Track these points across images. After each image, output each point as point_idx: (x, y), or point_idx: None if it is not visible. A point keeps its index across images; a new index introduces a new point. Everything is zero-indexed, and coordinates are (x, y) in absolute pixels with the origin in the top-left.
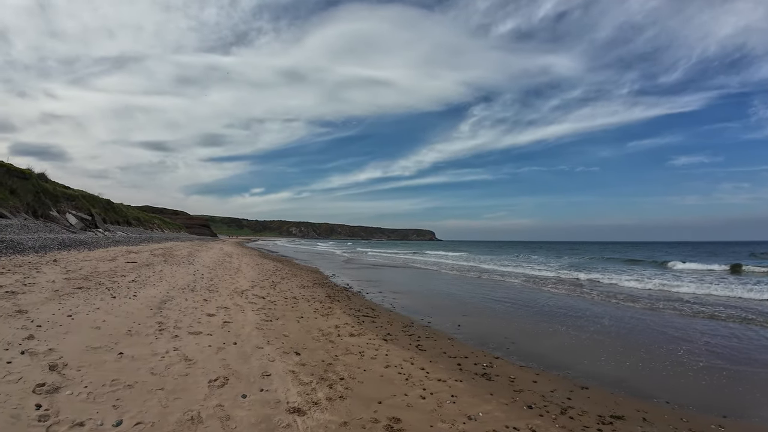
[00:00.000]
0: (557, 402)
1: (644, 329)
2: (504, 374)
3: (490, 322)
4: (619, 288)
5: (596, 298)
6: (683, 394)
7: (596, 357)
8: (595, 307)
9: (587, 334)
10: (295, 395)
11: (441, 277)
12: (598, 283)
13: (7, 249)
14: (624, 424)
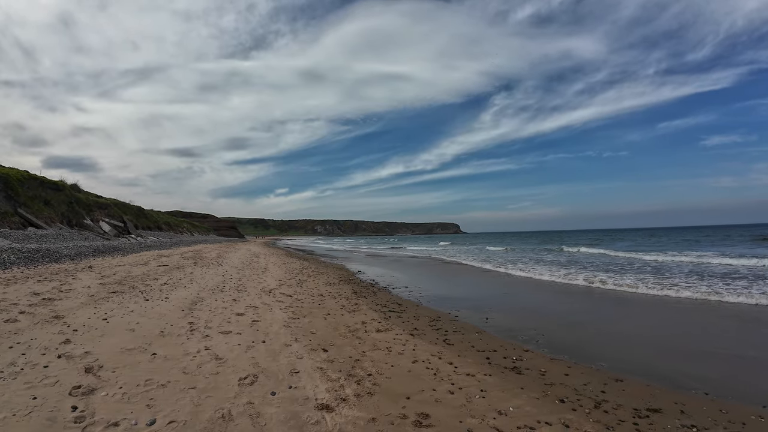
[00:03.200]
0: (591, 395)
1: (684, 320)
2: (534, 367)
3: (518, 315)
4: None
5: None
6: (721, 385)
7: (631, 348)
8: (628, 297)
9: (620, 325)
10: (324, 392)
11: (468, 271)
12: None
13: (43, 258)
14: (661, 417)
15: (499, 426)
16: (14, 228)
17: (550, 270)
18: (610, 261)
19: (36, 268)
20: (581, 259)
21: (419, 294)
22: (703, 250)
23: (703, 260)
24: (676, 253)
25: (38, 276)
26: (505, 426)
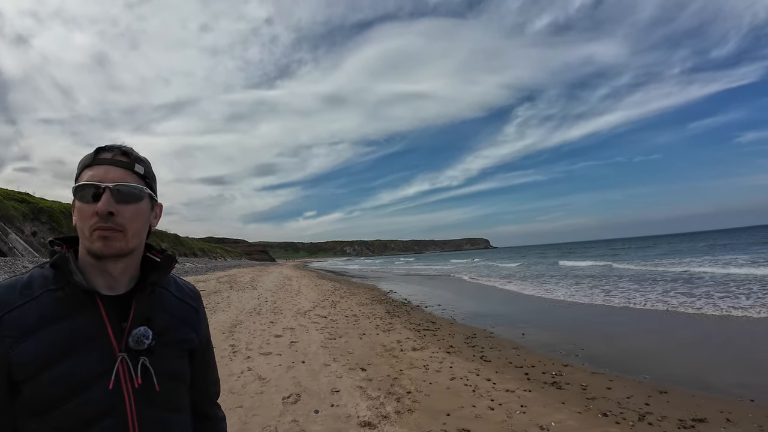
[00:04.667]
0: (634, 408)
1: (728, 328)
2: (575, 382)
3: (554, 330)
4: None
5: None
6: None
7: (675, 358)
8: (671, 307)
9: (663, 335)
10: (365, 409)
11: (498, 289)
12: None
13: None
14: (706, 427)
15: None
16: None
17: (563, 287)
18: (632, 274)
19: None
20: (597, 272)
21: (453, 312)
22: (734, 253)
23: (736, 270)
24: (714, 260)
25: None
26: None
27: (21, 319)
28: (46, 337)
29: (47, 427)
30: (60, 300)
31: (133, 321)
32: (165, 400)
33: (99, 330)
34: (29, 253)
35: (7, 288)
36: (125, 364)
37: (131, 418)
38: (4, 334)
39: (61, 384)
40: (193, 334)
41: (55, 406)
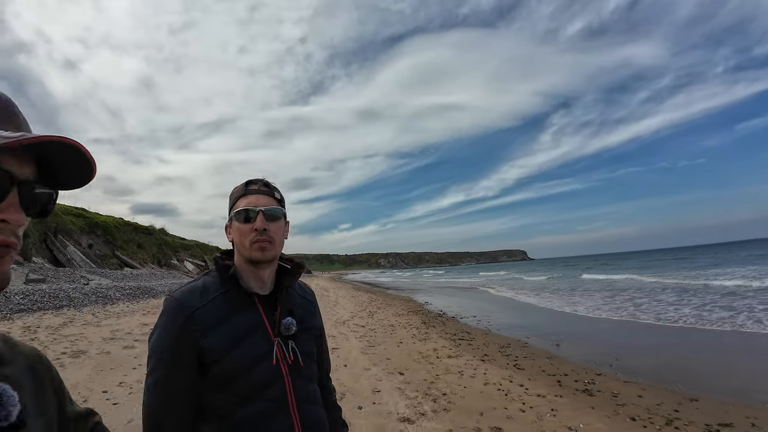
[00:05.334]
0: (663, 414)
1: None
2: (606, 389)
3: (589, 342)
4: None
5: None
6: None
7: (712, 369)
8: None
9: (702, 346)
10: (404, 407)
11: (526, 302)
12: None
13: (142, 294)
14: (731, 431)
15: None
16: (113, 268)
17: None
18: (653, 287)
19: (138, 303)
20: (622, 286)
21: (488, 323)
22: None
23: None
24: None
25: (142, 310)
26: None
27: (204, 316)
28: (225, 329)
29: (231, 395)
30: (230, 300)
31: (281, 314)
32: (307, 373)
33: (259, 322)
34: (86, 264)
35: (188, 293)
36: (280, 346)
37: (288, 384)
38: (194, 328)
39: (239, 363)
40: (317, 323)
41: (236, 379)
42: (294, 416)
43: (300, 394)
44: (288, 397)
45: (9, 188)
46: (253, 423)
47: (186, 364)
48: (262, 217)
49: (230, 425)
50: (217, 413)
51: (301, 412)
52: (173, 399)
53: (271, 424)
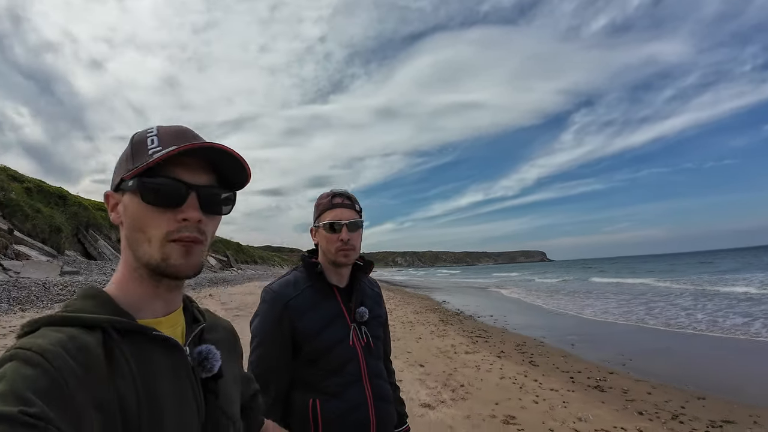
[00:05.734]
0: (669, 410)
1: None
2: (617, 386)
3: (606, 340)
4: None
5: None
6: None
7: (724, 371)
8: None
9: (713, 351)
10: (424, 395)
11: (543, 302)
12: None
13: None
14: (734, 427)
15: (578, 428)
16: None
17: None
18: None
19: None
20: (636, 290)
21: (505, 322)
22: None
23: None
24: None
25: None
26: (583, 428)
27: (297, 305)
28: (314, 315)
29: (318, 370)
30: (316, 292)
31: (355, 304)
32: (376, 354)
33: (339, 310)
34: (116, 258)
35: (284, 285)
36: (356, 330)
37: (362, 362)
38: (290, 315)
39: (325, 344)
40: (383, 312)
41: (322, 357)
42: (367, 388)
43: (371, 371)
44: (362, 373)
45: (187, 193)
46: (335, 392)
47: (283, 343)
48: (346, 229)
49: (318, 393)
50: (307, 384)
51: (372, 385)
52: (272, 372)
53: (350, 393)
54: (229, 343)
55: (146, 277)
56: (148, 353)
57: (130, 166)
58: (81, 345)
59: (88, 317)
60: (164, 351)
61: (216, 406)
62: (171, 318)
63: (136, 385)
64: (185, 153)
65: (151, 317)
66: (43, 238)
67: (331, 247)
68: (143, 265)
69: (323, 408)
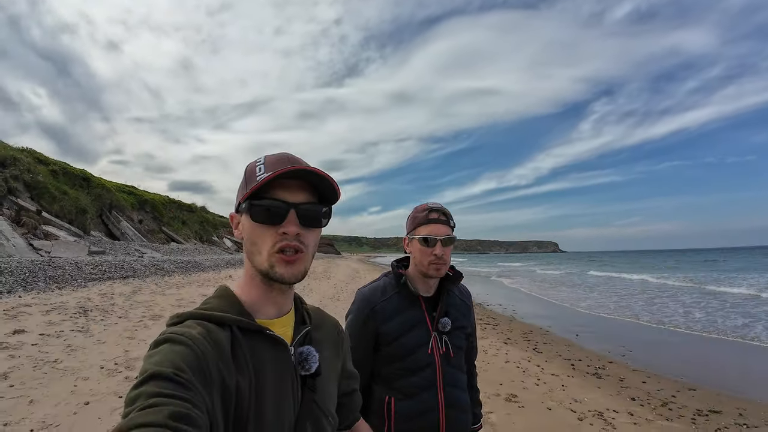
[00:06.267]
0: (661, 397)
1: None
2: (615, 374)
3: (609, 332)
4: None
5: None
6: None
7: (719, 365)
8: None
9: (717, 345)
10: None
11: (553, 289)
12: None
13: (193, 268)
14: (719, 417)
15: (573, 408)
16: (161, 243)
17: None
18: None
19: (191, 276)
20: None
21: (513, 311)
22: None
23: None
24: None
25: (197, 282)
26: (578, 408)
27: (383, 310)
28: (397, 321)
29: (396, 370)
30: (402, 299)
31: (439, 314)
32: (456, 363)
33: (422, 318)
34: (138, 238)
35: (373, 290)
36: (436, 339)
37: (439, 370)
38: (376, 317)
39: (405, 347)
40: (469, 323)
41: (401, 358)
42: (440, 395)
43: (447, 379)
44: (437, 380)
45: (287, 211)
46: (409, 392)
47: (367, 341)
48: (440, 245)
49: (394, 391)
50: (386, 381)
51: (446, 392)
52: (357, 366)
53: (423, 396)
54: (334, 340)
55: (261, 283)
56: (261, 350)
57: (244, 191)
58: (216, 339)
59: (221, 316)
60: (273, 349)
61: (312, 400)
62: (283, 320)
63: (250, 377)
64: (284, 176)
65: (265, 318)
66: (70, 219)
67: (424, 260)
68: (258, 272)
69: (397, 406)
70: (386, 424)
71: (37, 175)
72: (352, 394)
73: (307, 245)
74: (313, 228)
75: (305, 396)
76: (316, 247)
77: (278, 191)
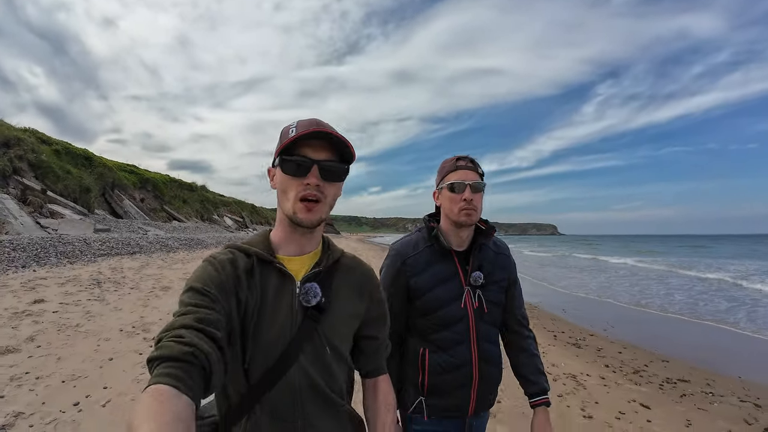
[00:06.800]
0: (633, 366)
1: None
2: (593, 345)
3: (595, 309)
4: None
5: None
6: (759, 372)
7: (696, 344)
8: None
9: (696, 327)
10: None
11: (540, 269)
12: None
13: (196, 245)
14: (687, 385)
15: (549, 371)
16: (163, 221)
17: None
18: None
19: (195, 252)
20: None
21: None
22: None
23: None
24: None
25: (201, 258)
26: (554, 372)
27: (414, 263)
28: (429, 274)
29: (429, 323)
30: (434, 253)
31: (472, 268)
32: (490, 318)
33: (454, 272)
34: (141, 216)
35: (405, 244)
36: (469, 293)
37: (472, 325)
38: (407, 270)
39: (436, 301)
40: (506, 276)
41: (433, 311)
42: (473, 349)
43: (481, 334)
44: (470, 334)
45: (311, 165)
46: (443, 345)
47: (400, 294)
48: (470, 189)
49: (428, 343)
50: (420, 334)
51: (479, 347)
52: (393, 314)
53: (456, 350)
54: (359, 285)
55: (287, 226)
56: (270, 278)
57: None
58: (237, 263)
59: (247, 247)
60: (281, 279)
61: (313, 328)
62: (302, 258)
63: (256, 297)
64: (309, 136)
65: (285, 255)
66: (74, 197)
67: (453, 208)
68: (285, 217)
69: (431, 358)
70: (420, 375)
71: (40, 155)
72: (371, 340)
73: (326, 196)
74: (332, 182)
75: (305, 324)
76: (334, 199)
77: (305, 149)
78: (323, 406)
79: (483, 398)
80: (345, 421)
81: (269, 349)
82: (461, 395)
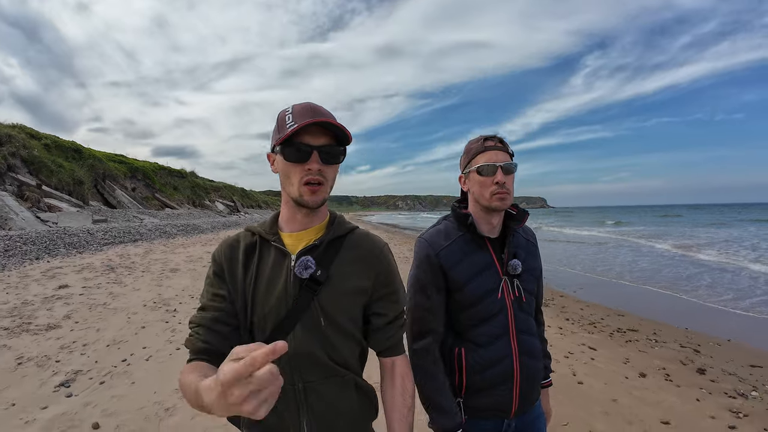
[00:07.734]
0: (591, 319)
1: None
2: (559, 304)
3: (570, 274)
4: None
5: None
6: (704, 324)
7: (654, 303)
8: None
9: (657, 288)
10: None
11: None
12: None
13: (193, 230)
14: (635, 334)
15: None
16: (156, 209)
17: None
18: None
19: (192, 237)
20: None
21: None
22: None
23: None
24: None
25: (200, 242)
26: None
27: (449, 254)
28: (464, 265)
29: (467, 318)
30: (467, 242)
31: (508, 256)
32: (527, 308)
33: (490, 261)
34: (134, 206)
35: (435, 235)
36: (507, 283)
37: (511, 315)
38: (442, 263)
39: (475, 293)
40: (537, 265)
41: (473, 304)
42: (513, 342)
43: (520, 325)
44: (510, 326)
45: (311, 151)
46: (482, 341)
47: (438, 289)
48: (501, 171)
49: (465, 341)
50: (456, 332)
51: (519, 339)
52: (430, 313)
53: (496, 345)
54: (365, 260)
55: (292, 206)
56: (268, 253)
57: (277, 136)
58: (237, 244)
59: (253, 227)
60: (278, 254)
61: (311, 299)
62: (300, 234)
63: (253, 271)
64: (306, 125)
65: (289, 231)
66: (69, 190)
67: (485, 192)
68: (290, 198)
69: (468, 357)
70: (457, 377)
71: (32, 150)
72: (380, 317)
73: (327, 178)
74: (331, 164)
75: (303, 296)
76: (334, 179)
77: (304, 136)
78: (324, 373)
79: (526, 396)
80: (350, 388)
81: (267, 319)
82: (502, 393)
